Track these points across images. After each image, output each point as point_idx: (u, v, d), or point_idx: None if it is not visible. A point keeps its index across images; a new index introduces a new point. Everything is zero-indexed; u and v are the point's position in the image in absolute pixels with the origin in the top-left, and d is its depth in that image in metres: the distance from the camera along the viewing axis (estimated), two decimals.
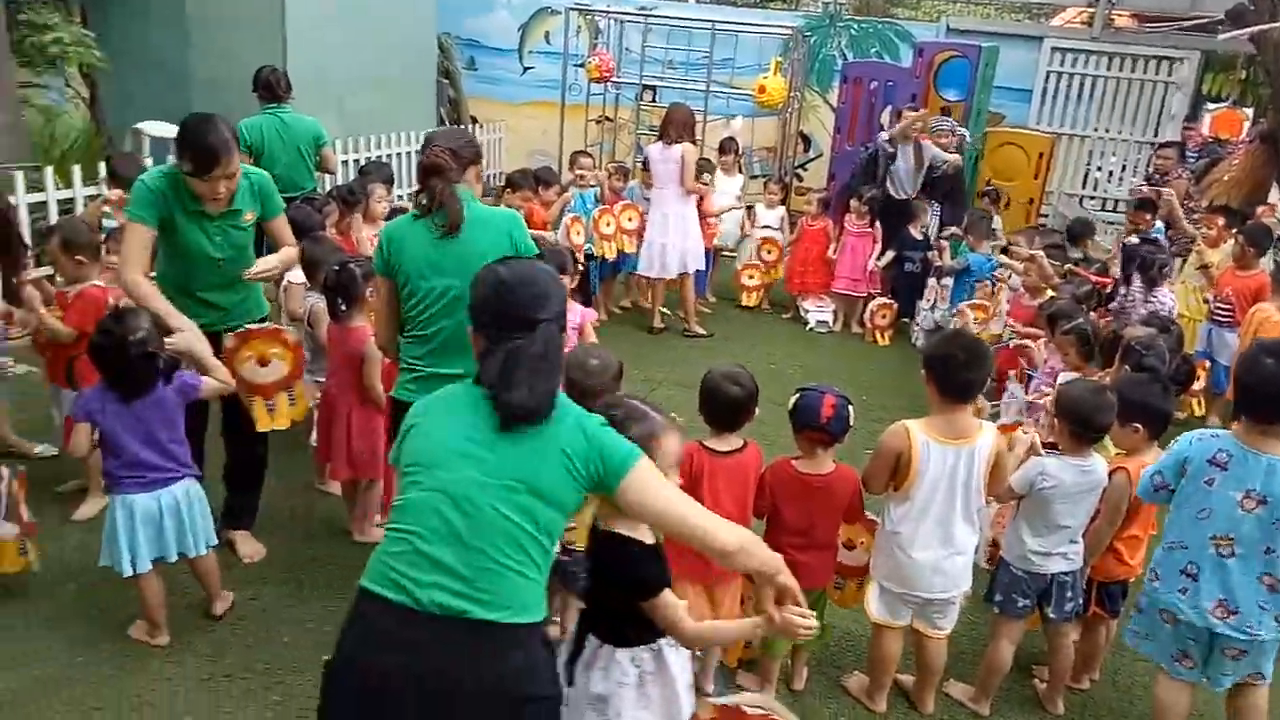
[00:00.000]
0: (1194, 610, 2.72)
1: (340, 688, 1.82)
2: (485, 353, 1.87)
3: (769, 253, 7.53)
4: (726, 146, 7.88)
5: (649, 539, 2.10)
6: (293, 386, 3.48)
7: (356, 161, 7.92)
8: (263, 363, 3.36)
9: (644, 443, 2.03)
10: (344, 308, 3.65)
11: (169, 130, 6.59)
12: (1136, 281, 5.49)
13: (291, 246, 3.55)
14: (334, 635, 3.15)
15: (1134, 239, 6.28)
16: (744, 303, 7.64)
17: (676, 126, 6.44)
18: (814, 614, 2.03)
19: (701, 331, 6.89)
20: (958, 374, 2.77)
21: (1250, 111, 7.82)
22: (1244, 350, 2.79)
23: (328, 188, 6.36)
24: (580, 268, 5.49)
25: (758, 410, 2.91)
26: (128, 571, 2.98)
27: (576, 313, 3.97)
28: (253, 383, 3.39)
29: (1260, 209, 6.93)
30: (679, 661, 2.18)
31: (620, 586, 2.08)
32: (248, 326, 3.43)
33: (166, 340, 3.00)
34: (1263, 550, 2.65)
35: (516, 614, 1.78)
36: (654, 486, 1.89)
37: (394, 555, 1.80)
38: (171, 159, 6.28)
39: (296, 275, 4.14)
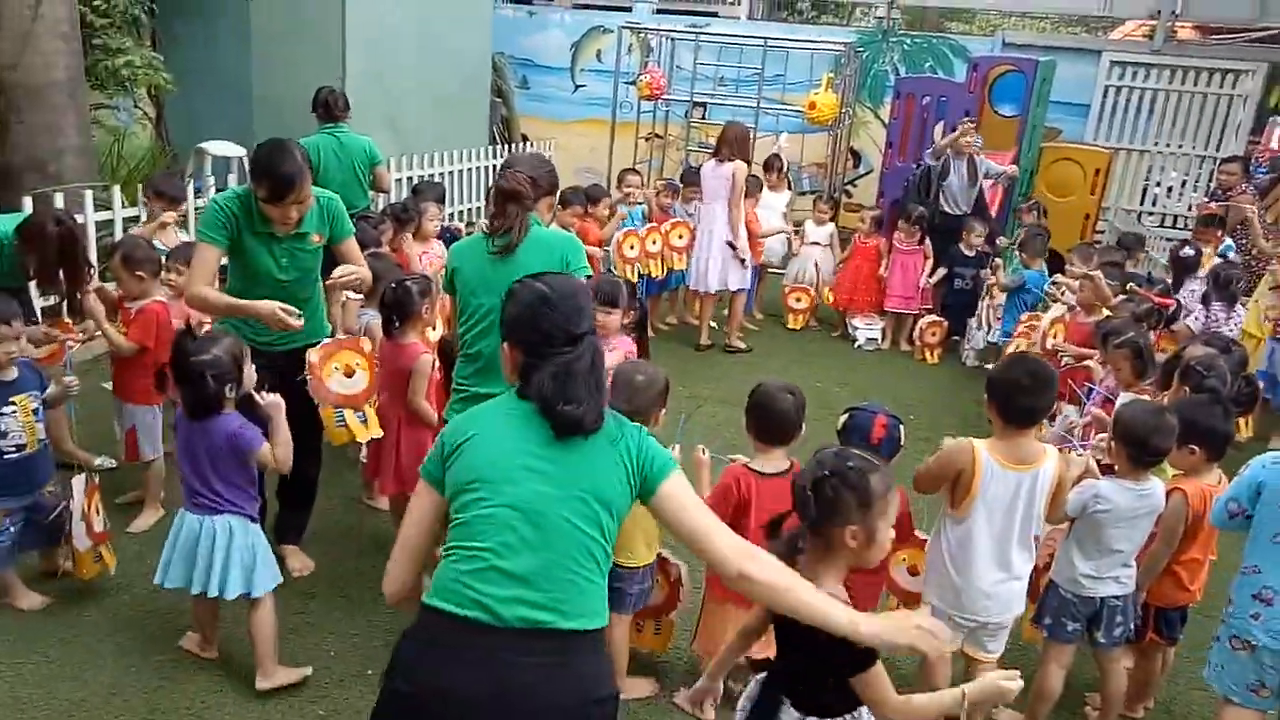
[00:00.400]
0: (1269, 635, 2.66)
1: (404, 707, 1.82)
2: (528, 367, 1.89)
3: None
4: (771, 163, 7.87)
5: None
6: (374, 395, 3.52)
7: (410, 179, 8.06)
8: (349, 374, 3.40)
9: (882, 493, 1.97)
10: (398, 324, 3.71)
11: (232, 150, 6.80)
12: (1216, 302, 5.42)
13: (364, 267, 3.57)
14: (381, 650, 3.23)
15: (1189, 250, 6.15)
16: (790, 325, 7.60)
17: (730, 144, 6.51)
18: (1016, 672, 1.96)
19: (741, 346, 6.89)
20: (1022, 400, 2.72)
21: None
22: None
23: (380, 205, 6.50)
24: (638, 299, 5.55)
25: (805, 428, 2.90)
26: (157, 578, 3.01)
27: (625, 344, 3.94)
28: (342, 394, 3.42)
29: None
30: None
31: (831, 657, 1.94)
32: (328, 340, 3.48)
33: (260, 397, 3.03)
34: None
35: (590, 620, 1.83)
36: (689, 496, 1.95)
37: (469, 574, 1.81)
38: (233, 179, 6.48)
39: (353, 291, 4.22)
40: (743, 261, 6.74)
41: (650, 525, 2.95)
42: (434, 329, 3.91)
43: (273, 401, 3.03)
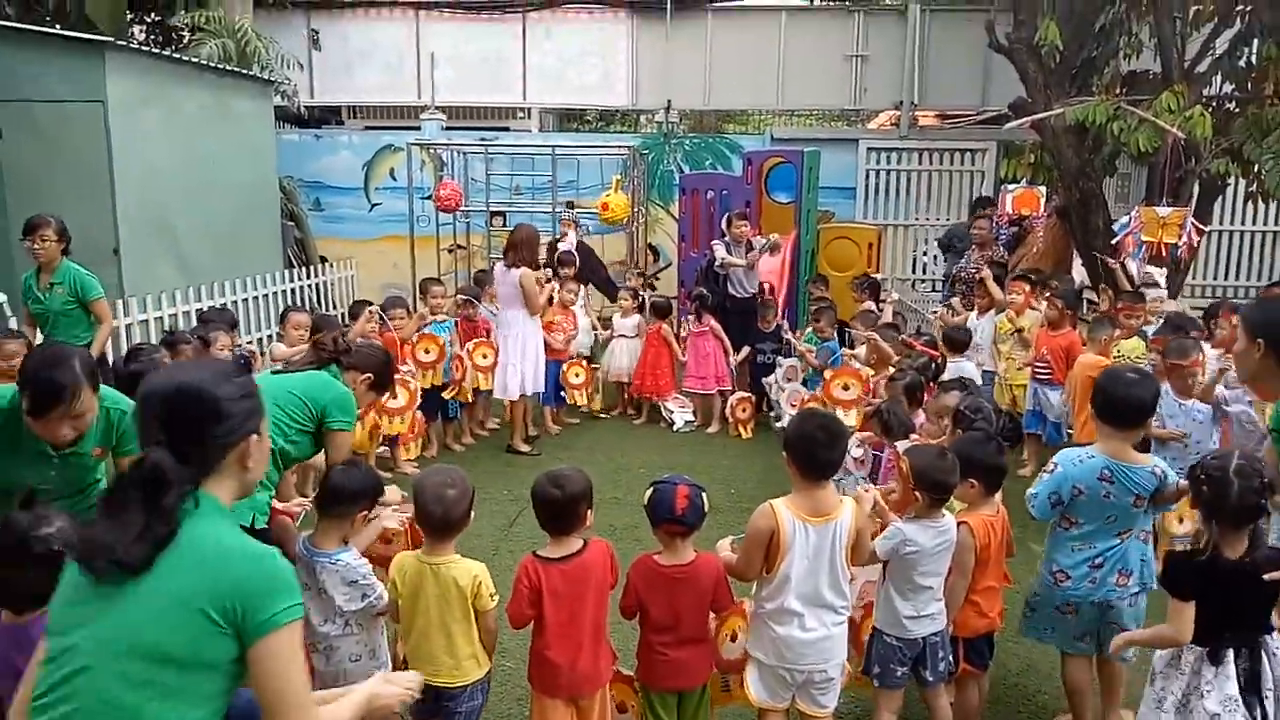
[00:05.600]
0: (1100, 590, 3.20)
1: None
2: None
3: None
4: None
5: None
6: None
7: (199, 310, 7.68)
8: None
9: None
10: None
11: None
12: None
13: None
14: None
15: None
16: (586, 402, 7.56)
17: (516, 249, 6.56)
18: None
19: (525, 449, 6.80)
20: (818, 454, 2.86)
21: (1044, 189, 8.64)
22: (1105, 375, 3.31)
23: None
24: None
25: (621, 514, 2.91)
26: None
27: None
28: None
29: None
30: None
31: None
32: None
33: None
34: (1146, 527, 3.28)
35: None
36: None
37: None
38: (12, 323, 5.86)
39: None
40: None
41: (475, 639, 2.86)
42: None
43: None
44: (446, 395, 6.65)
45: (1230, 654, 2.68)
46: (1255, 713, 2.64)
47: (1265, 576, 2.62)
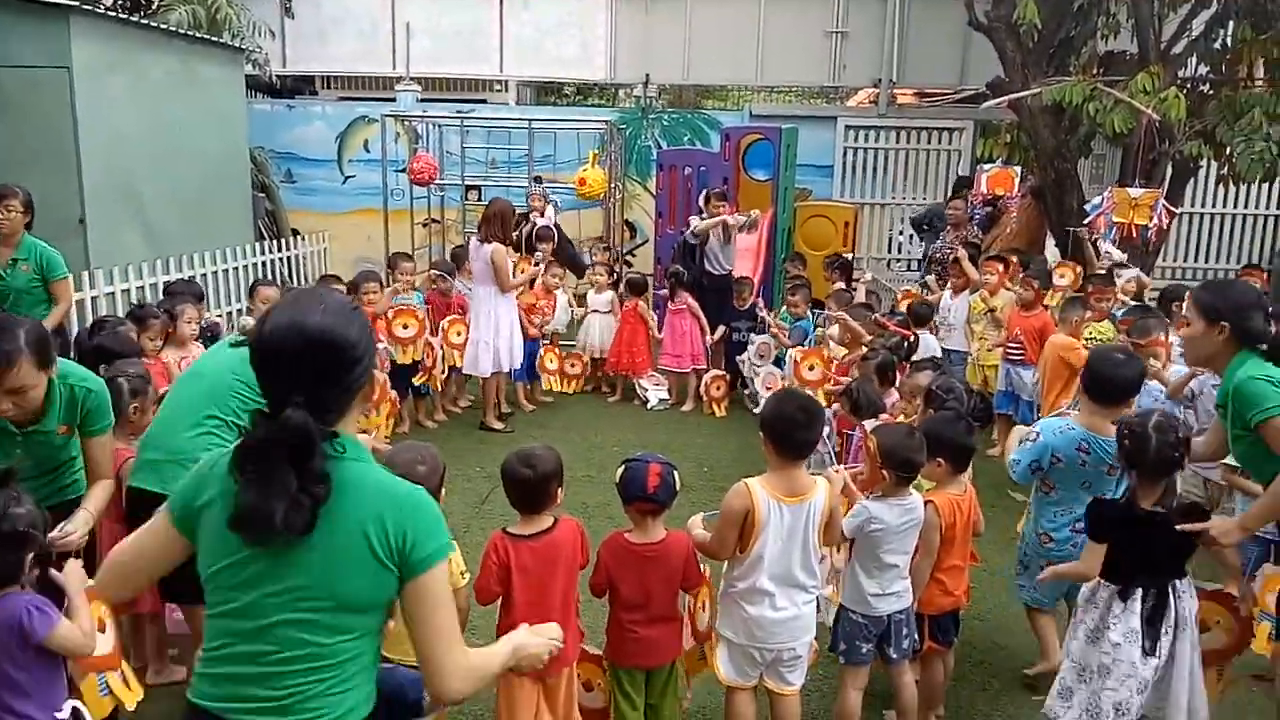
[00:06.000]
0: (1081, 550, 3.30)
1: None
2: None
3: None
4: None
5: None
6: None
7: (167, 283, 7.56)
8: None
9: None
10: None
11: None
12: None
13: (108, 480, 3.01)
14: None
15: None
16: (561, 388, 7.59)
17: (489, 223, 6.49)
18: None
19: (498, 426, 6.76)
20: (794, 434, 2.86)
21: (1019, 169, 8.67)
22: (1094, 354, 3.59)
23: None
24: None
25: (594, 491, 2.91)
26: None
27: None
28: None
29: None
30: None
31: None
32: None
33: (59, 534, 2.58)
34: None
35: None
36: None
37: None
38: None
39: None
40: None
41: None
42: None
43: (71, 571, 2.40)
44: (416, 381, 6.59)
45: (1139, 593, 2.86)
46: (1157, 644, 2.83)
47: (1177, 527, 2.81)
